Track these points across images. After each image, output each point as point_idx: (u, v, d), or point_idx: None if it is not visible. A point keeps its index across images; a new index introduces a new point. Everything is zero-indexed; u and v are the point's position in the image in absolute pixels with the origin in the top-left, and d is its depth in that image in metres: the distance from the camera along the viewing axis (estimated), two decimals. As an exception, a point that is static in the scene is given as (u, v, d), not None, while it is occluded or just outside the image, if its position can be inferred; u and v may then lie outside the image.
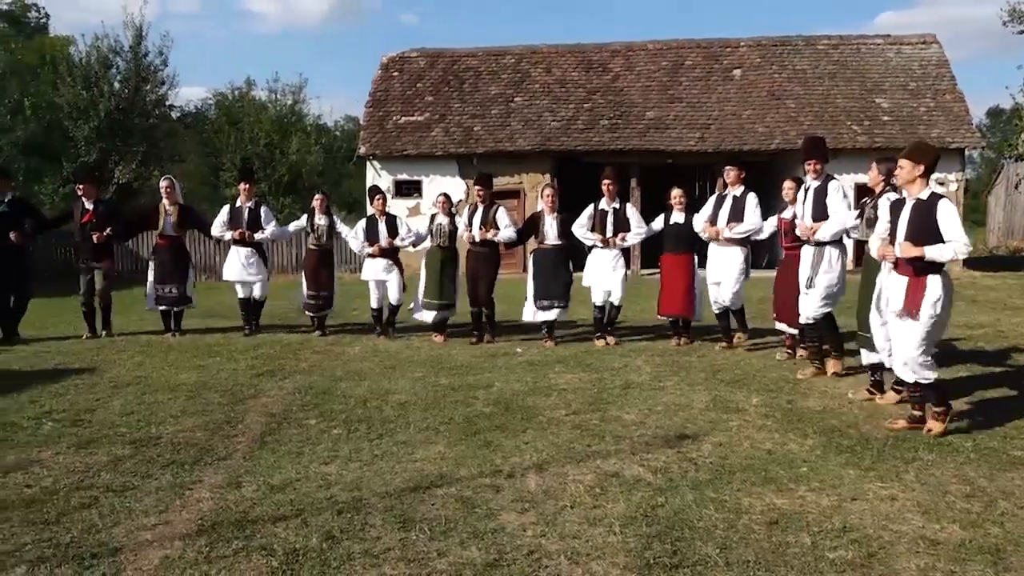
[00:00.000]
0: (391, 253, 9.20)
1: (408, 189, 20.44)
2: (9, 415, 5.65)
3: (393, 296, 9.22)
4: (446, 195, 9.33)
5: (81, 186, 9.56)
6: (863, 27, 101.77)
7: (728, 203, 8.09)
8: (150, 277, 9.52)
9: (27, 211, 9.53)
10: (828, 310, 6.82)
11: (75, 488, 4.17)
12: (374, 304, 9.36)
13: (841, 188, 6.75)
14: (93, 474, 4.40)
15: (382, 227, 9.14)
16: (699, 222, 8.27)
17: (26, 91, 26.77)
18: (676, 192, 8.46)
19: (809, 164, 6.85)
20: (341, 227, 9.61)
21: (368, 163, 20.78)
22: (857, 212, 6.51)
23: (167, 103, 30.12)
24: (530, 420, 5.44)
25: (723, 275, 8.10)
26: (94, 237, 9.17)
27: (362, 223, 9.41)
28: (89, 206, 9.35)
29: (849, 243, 6.98)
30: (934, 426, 4.97)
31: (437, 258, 8.99)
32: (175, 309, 9.57)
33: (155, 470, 4.46)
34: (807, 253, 6.85)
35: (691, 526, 3.61)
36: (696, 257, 8.47)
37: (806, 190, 6.92)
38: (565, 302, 8.62)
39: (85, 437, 5.12)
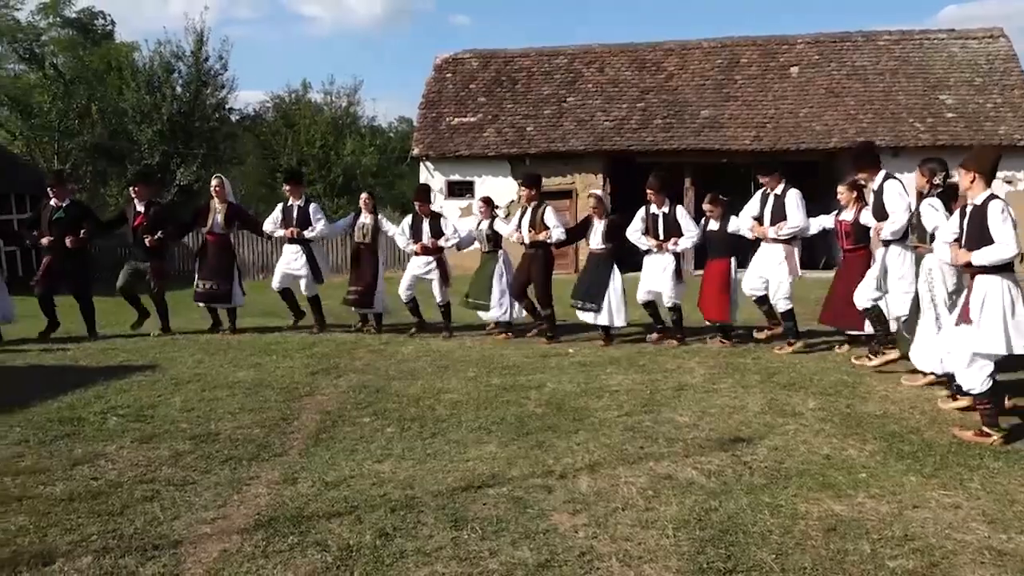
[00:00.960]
0: (435, 253, 9.35)
1: (460, 190, 20.58)
2: (77, 410, 5.84)
3: (437, 296, 9.41)
4: (486, 199, 9.52)
5: (134, 189, 9.79)
6: (926, 22, 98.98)
7: (771, 203, 8.07)
8: (196, 273, 9.73)
9: (84, 215, 9.80)
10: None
11: (138, 481, 4.29)
12: (403, 296, 9.47)
13: (899, 185, 6.70)
14: (155, 468, 4.52)
15: (426, 226, 9.34)
16: (745, 221, 8.25)
17: (93, 96, 27.67)
18: (706, 205, 8.52)
19: (862, 175, 6.96)
20: (386, 225, 9.80)
21: (421, 164, 20.97)
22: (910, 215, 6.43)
23: (226, 106, 30.89)
24: (582, 421, 5.42)
25: (770, 272, 8.08)
26: (146, 240, 9.42)
27: (407, 220, 9.62)
28: (141, 208, 9.59)
29: None
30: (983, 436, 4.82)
31: (481, 260, 9.31)
32: (218, 306, 9.77)
33: (214, 465, 4.56)
34: (879, 254, 6.84)
35: (745, 531, 3.56)
36: (734, 261, 8.45)
37: (872, 192, 6.92)
38: (597, 306, 8.54)
39: (148, 432, 5.26)
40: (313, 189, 29.37)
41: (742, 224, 8.25)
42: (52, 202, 9.41)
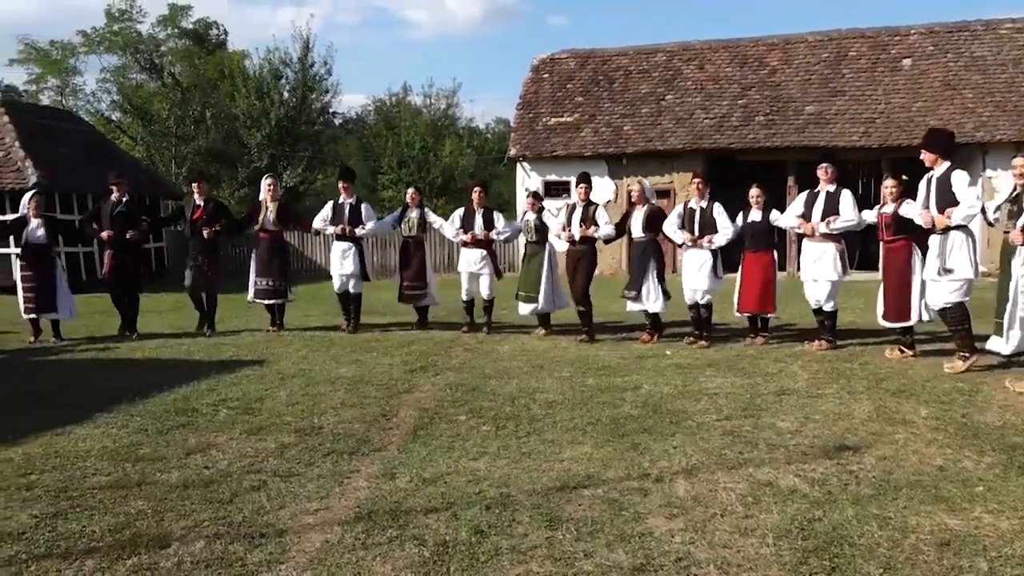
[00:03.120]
0: (486, 247, 9.52)
1: (557, 190, 20.55)
2: (191, 401, 6.15)
3: (484, 291, 9.56)
4: (535, 193, 9.70)
5: (197, 185, 10.19)
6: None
7: (822, 199, 8.07)
8: (251, 271, 10.04)
9: (143, 211, 10.35)
10: (961, 299, 6.85)
11: (246, 471, 4.47)
12: (464, 296, 9.70)
13: (967, 176, 6.84)
14: (262, 459, 4.71)
15: (478, 219, 9.52)
16: (790, 219, 8.26)
17: (207, 103, 29.02)
18: (755, 191, 8.50)
19: (926, 155, 7.02)
20: (433, 218, 10.02)
21: (518, 164, 21.07)
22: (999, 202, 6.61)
23: (330, 110, 31.84)
24: (679, 424, 5.34)
25: (818, 272, 8.05)
26: (204, 233, 9.79)
27: (459, 212, 9.85)
28: (200, 203, 9.98)
29: (977, 230, 7.07)
30: None
31: (528, 253, 9.37)
32: (273, 302, 10.04)
33: (317, 458, 4.71)
34: (934, 242, 6.91)
35: (851, 542, 3.42)
36: (776, 255, 8.56)
37: (928, 180, 6.99)
38: (635, 292, 8.72)
39: (255, 424, 5.48)
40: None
41: (788, 221, 8.32)
42: (113, 197, 9.91)
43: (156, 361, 8.18)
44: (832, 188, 8.03)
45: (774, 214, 8.45)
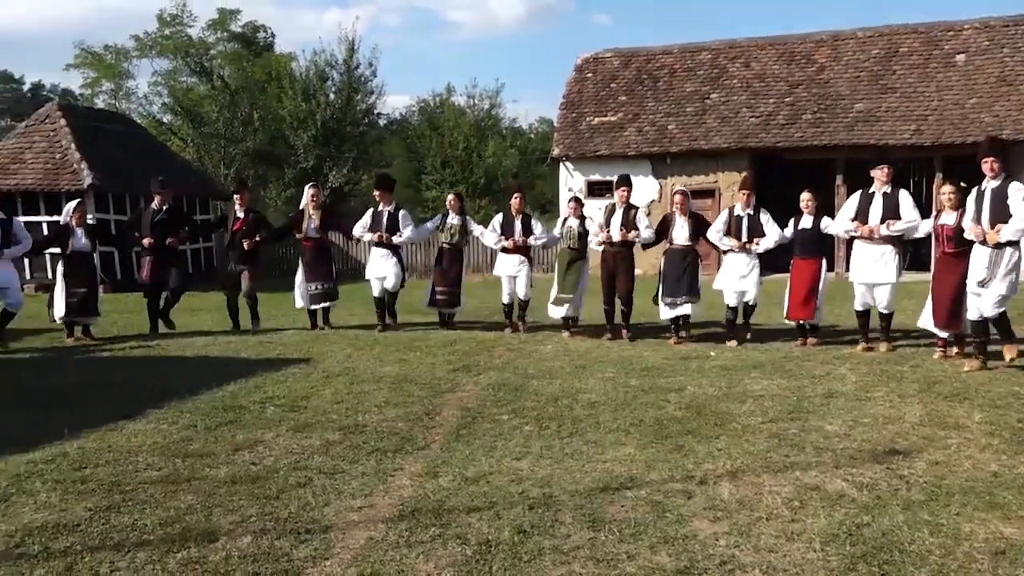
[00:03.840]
0: (524, 251, 9.61)
1: (601, 190, 20.45)
2: (239, 399, 6.26)
3: (522, 292, 9.63)
4: (576, 199, 9.67)
5: (237, 196, 10.34)
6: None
7: (879, 201, 7.89)
8: (299, 277, 10.17)
9: (183, 218, 10.61)
10: (1003, 309, 6.83)
11: (292, 468, 4.54)
12: (505, 299, 9.78)
13: (1023, 189, 6.64)
14: (308, 456, 4.77)
15: (517, 225, 9.61)
16: (844, 224, 8.11)
17: (255, 105, 29.50)
18: (805, 196, 8.45)
19: (986, 162, 6.79)
20: (474, 227, 10.11)
21: (561, 164, 21.03)
22: None
23: (375, 111, 32.10)
24: (723, 426, 5.28)
25: (878, 276, 7.88)
26: (244, 244, 9.93)
27: (498, 218, 9.93)
28: (241, 214, 10.13)
29: None
30: None
31: (566, 258, 9.33)
32: (324, 305, 10.19)
33: (361, 456, 4.76)
34: (982, 253, 6.83)
35: (902, 549, 3.35)
36: (824, 261, 8.52)
37: (981, 191, 6.85)
38: (693, 296, 8.75)
39: (301, 422, 5.56)
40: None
41: (840, 226, 8.17)
42: (154, 204, 10.15)
43: (205, 359, 8.34)
44: (889, 189, 7.85)
45: (825, 221, 8.35)
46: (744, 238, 8.57)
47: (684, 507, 3.86)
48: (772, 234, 8.53)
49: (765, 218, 8.61)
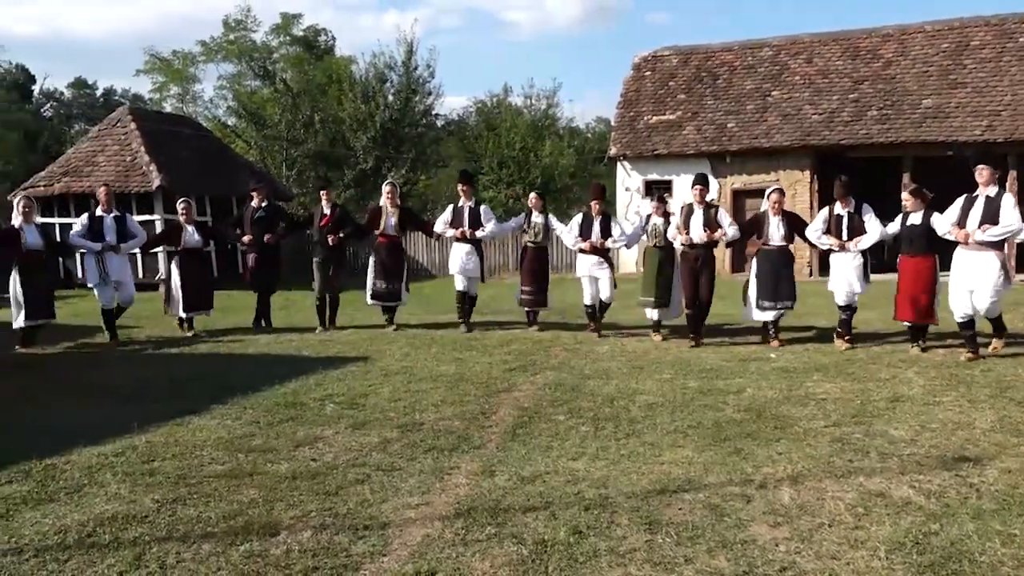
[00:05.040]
0: (603, 252, 9.47)
1: (658, 189, 20.25)
2: (299, 396, 6.38)
3: (604, 293, 9.48)
4: (662, 197, 9.54)
5: (323, 193, 10.60)
6: None
7: (980, 204, 7.44)
8: (370, 274, 10.28)
9: (280, 216, 10.83)
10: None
11: (351, 465, 4.60)
12: (587, 300, 9.60)
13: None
14: (366, 453, 4.83)
15: (596, 226, 9.44)
16: (943, 224, 7.70)
17: (316, 107, 29.99)
18: (905, 196, 8.16)
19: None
20: (556, 225, 9.98)
21: (618, 164, 20.90)
22: None
23: (433, 112, 32.32)
24: (784, 430, 5.18)
25: (978, 282, 7.40)
26: (330, 239, 10.07)
27: (577, 219, 9.78)
28: (327, 211, 10.29)
29: None
30: None
31: (655, 258, 9.13)
32: (391, 304, 10.28)
33: (418, 454, 4.80)
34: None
35: (971, 559, 3.24)
36: (937, 259, 8.00)
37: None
38: (791, 302, 8.61)
39: (360, 419, 5.64)
40: (513, 190, 30.13)
41: (942, 227, 7.74)
42: (253, 203, 10.38)
43: (267, 356, 8.52)
44: (992, 192, 7.42)
45: (934, 217, 7.86)
46: (845, 236, 8.26)
47: (743, 511, 3.80)
48: (873, 231, 8.16)
49: (867, 215, 8.26)
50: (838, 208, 8.41)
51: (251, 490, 4.19)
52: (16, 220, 9.20)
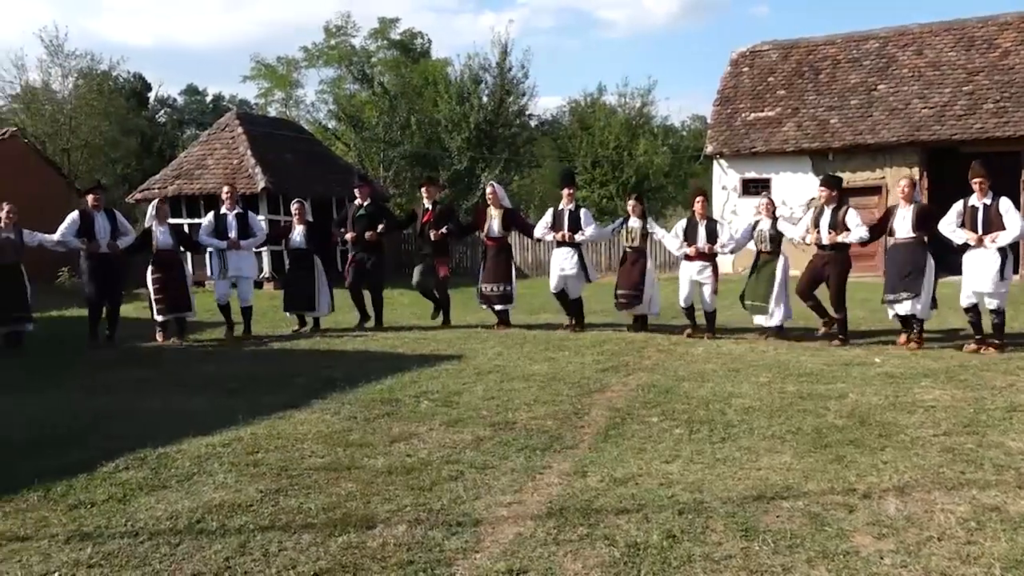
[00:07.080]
0: (708, 256, 9.23)
1: (756, 188, 19.78)
2: (395, 392, 6.52)
3: (707, 299, 9.28)
4: (770, 198, 9.33)
5: (424, 189, 10.67)
6: None
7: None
8: (480, 277, 10.34)
9: (382, 213, 10.98)
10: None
11: (445, 461, 4.67)
12: (683, 303, 9.43)
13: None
14: (459, 450, 4.89)
15: (701, 230, 9.24)
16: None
17: (413, 109, 30.60)
18: None
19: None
20: (656, 229, 9.81)
21: (714, 162, 20.50)
22: None
23: (527, 113, 32.49)
24: (890, 438, 4.97)
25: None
26: (431, 235, 10.16)
27: (682, 223, 9.60)
28: (428, 207, 10.39)
29: None
30: None
31: (761, 262, 8.96)
32: (502, 307, 10.28)
33: (511, 452, 4.83)
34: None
35: (1098, 581, 3.03)
36: None
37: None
38: (915, 291, 8.07)
39: (453, 417, 5.71)
40: (606, 190, 29.97)
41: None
42: (356, 202, 10.61)
43: (364, 353, 8.73)
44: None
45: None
46: (980, 230, 7.75)
47: (845, 521, 3.66)
48: (1013, 226, 7.62)
49: (1005, 207, 7.72)
50: (973, 200, 7.90)
51: (349, 483, 4.31)
52: (149, 221, 9.81)
